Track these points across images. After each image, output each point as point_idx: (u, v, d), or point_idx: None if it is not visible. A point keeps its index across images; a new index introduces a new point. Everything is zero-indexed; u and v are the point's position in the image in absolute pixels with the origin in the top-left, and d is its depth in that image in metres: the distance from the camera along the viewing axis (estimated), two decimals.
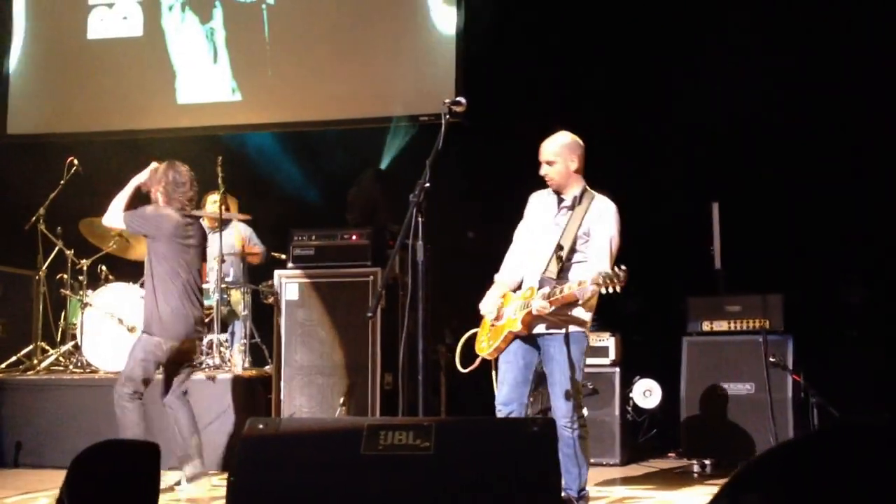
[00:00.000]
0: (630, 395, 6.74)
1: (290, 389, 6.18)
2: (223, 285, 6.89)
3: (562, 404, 4.33)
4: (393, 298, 5.91)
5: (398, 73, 8.06)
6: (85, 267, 7.20)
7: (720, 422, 6.05)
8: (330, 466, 2.83)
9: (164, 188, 5.45)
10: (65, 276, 7.28)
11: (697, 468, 6.08)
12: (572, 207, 4.45)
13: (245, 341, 6.81)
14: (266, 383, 6.41)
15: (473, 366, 4.50)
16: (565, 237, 4.37)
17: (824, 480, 1.52)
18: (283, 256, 6.70)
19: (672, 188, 7.18)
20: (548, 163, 4.48)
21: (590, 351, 4.61)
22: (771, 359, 5.86)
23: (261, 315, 7.08)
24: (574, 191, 4.47)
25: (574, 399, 4.32)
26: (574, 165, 4.47)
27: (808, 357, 6.12)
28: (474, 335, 4.57)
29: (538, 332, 4.40)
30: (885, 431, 1.55)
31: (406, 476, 2.76)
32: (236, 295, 7.14)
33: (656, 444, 6.94)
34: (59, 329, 7.38)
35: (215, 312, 6.75)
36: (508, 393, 4.41)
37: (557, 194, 4.51)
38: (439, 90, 7.39)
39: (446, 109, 4.22)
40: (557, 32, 7.51)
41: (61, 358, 7.23)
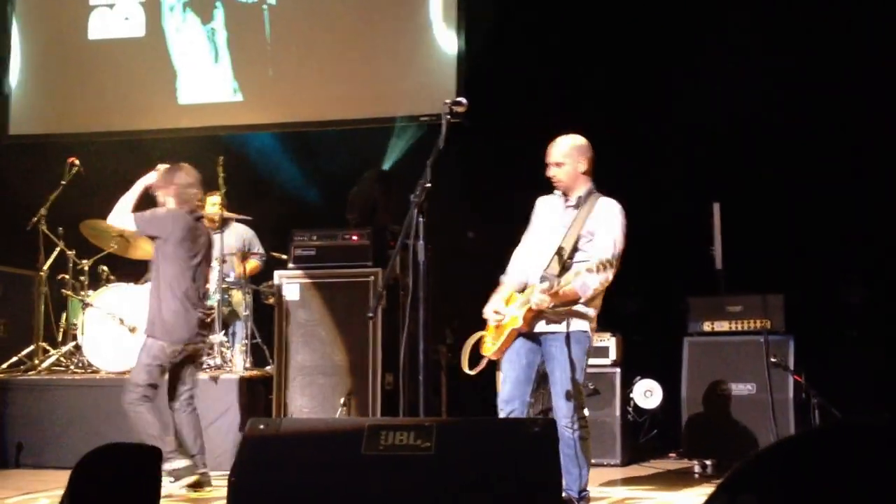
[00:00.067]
0: (631, 396, 6.73)
1: (291, 390, 6.19)
2: (224, 286, 6.90)
3: (563, 404, 4.32)
4: (394, 298, 5.90)
5: (399, 74, 8.06)
6: (86, 267, 7.21)
7: (721, 422, 6.04)
8: (331, 467, 2.84)
9: (176, 190, 5.43)
10: (66, 277, 7.28)
11: (698, 469, 6.07)
12: (577, 207, 4.46)
13: (246, 342, 6.81)
14: (267, 384, 6.41)
15: (479, 367, 4.49)
16: (568, 236, 4.37)
17: (823, 480, 1.52)
18: (284, 257, 6.71)
19: (673, 188, 7.18)
20: (556, 164, 4.48)
21: (591, 351, 4.59)
22: (772, 359, 5.86)
23: (262, 315, 7.09)
24: (580, 192, 4.48)
25: (575, 399, 4.31)
26: (583, 167, 4.48)
27: (809, 357, 6.11)
28: (480, 338, 4.56)
29: (540, 331, 4.40)
30: (886, 431, 1.55)
31: (407, 476, 2.77)
32: (237, 295, 7.15)
33: (657, 445, 6.94)
34: (61, 329, 7.38)
35: (217, 313, 6.76)
36: (511, 391, 4.41)
37: (564, 196, 4.53)
38: (440, 90, 7.40)
39: (447, 110, 4.21)
40: (557, 32, 7.50)
41: (62, 358, 7.23)
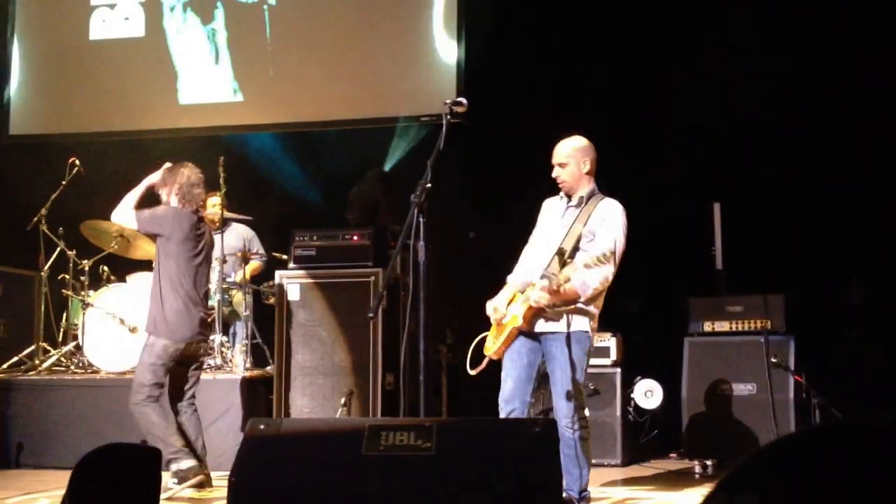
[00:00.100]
0: (631, 396, 6.73)
1: (292, 390, 6.19)
2: (224, 286, 6.90)
3: (563, 404, 4.32)
4: (394, 299, 5.91)
5: (399, 74, 8.06)
6: (86, 267, 7.20)
7: (722, 422, 6.04)
8: (331, 467, 2.84)
9: (180, 189, 5.43)
10: (66, 277, 7.28)
11: (699, 469, 6.07)
12: (578, 207, 4.47)
13: (247, 342, 6.81)
14: (268, 384, 6.41)
15: (481, 367, 4.50)
16: (569, 236, 4.38)
17: (824, 479, 1.52)
18: (285, 257, 6.71)
19: (673, 188, 7.18)
20: (560, 165, 4.50)
21: (592, 351, 4.59)
22: (773, 359, 5.86)
23: (262, 316, 7.08)
24: (582, 192, 4.49)
25: (576, 399, 4.31)
26: (586, 168, 4.49)
27: (810, 357, 6.11)
28: (484, 339, 4.56)
29: (541, 331, 4.40)
30: (887, 431, 1.55)
31: (407, 476, 2.77)
32: (238, 296, 7.14)
33: (658, 445, 6.93)
34: (61, 329, 7.39)
35: (217, 313, 6.76)
36: (512, 390, 4.41)
37: (567, 196, 4.53)
38: (440, 90, 7.40)
39: (447, 110, 4.21)
40: (557, 32, 7.51)
41: (63, 358, 7.23)
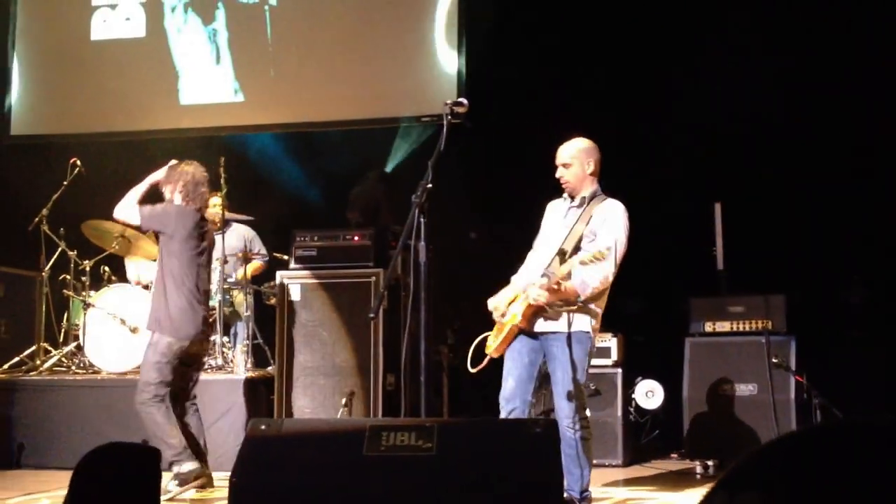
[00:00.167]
0: (632, 396, 6.73)
1: (293, 390, 6.20)
2: (226, 286, 6.90)
3: (564, 405, 4.32)
4: (395, 299, 5.91)
5: (400, 74, 8.06)
6: (87, 268, 7.20)
7: (723, 423, 6.04)
8: (332, 467, 2.84)
9: (185, 187, 5.43)
10: (67, 277, 7.28)
11: (700, 469, 6.07)
12: (581, 207, 4.48)
13: (248, 342, 6.81)
14: (269, 384, 6.41)
15: (481, 365, 4.50)
16: (570, 236, 4.39)
17: (825, 479, 1.51)
18: (286, 257, 6.71)
19: (674, 189, 7.18)
20: (564, 165, 4.51)
21: (594, 352, 4.59)
22: (774, 360, 5.85)
23: (263, 316, 7.09)
24: (585, 192, 4.50)
25: (577, 400, 4.31)
26: (590, 169, 4.51)
27: (811, 358, 6.11)
28: (485, 338, 4.56)
29: (542, 331, 4.41)
30: (888, 431, 1.55)
31: (408, 477, 2.77)
32: (239, 296, 7.15)
33: (659, 445, 6.93)
34: (62, 330, 7.39)
35: (218, 313, 6.76)
36: (513, 388, 4.41)
37: (570, 197, 4.54)
38: (441, 91, 7.41)
39: (448, 110, 4.21)
40: (557, 32, 7.51)
41: (64, 359, 7.23)
